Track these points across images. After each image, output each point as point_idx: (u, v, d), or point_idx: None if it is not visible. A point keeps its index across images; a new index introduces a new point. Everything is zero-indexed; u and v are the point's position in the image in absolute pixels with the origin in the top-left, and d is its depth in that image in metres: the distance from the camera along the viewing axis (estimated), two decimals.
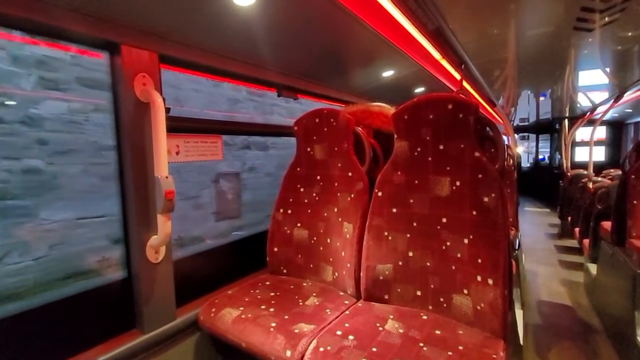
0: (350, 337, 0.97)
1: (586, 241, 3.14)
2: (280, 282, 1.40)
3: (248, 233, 1.77)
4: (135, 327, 1.13)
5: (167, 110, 1.08)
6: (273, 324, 1.05)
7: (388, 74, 2.01)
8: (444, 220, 1.15)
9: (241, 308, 1.16)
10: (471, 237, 1.08)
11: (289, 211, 1.51)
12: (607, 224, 2.48)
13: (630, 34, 1.83)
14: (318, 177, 1.48)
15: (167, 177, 1.03)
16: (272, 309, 1.15)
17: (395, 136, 1.26)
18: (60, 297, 1.03)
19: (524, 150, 10.21)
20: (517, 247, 2.12)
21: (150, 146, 1.05)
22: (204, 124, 1.44)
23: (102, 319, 1.10)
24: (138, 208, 1.08)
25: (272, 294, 1.28)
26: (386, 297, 1.22)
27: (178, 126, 1.23)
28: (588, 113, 5.01)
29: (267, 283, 1.38)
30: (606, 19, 1.62)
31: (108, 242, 2.77)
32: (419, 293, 1.18)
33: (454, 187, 1.13)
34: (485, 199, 1.06)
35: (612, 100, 3.74)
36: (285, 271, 1.49)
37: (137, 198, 1.07)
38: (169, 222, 1.07)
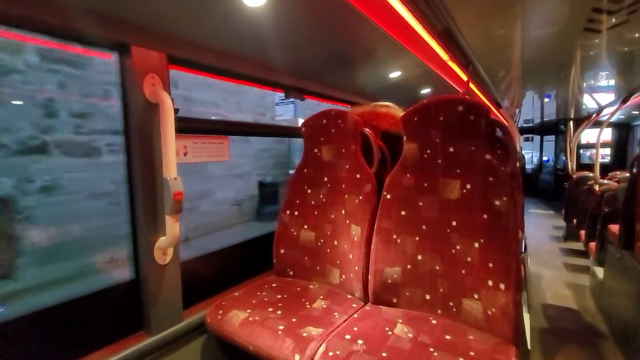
0: (360, 342, 0.96)
1: (592, 244, 3.11)
2: (286, 284, 1.39)
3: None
4: (142, 329, 1.13)
5: (176, 111, 1.07)
6: (281, 327, 1.05)
7: (395, 74, 1.99)
8: (454, 223, 1.13)
9: (248, 310, 1.15)
10: (482, 241, 1.07)
11: (296, 213, 1.51)
12: (614, 227, 2.46)
13: (637, 35, 1.81)
14: (325, 179, 1.47)
15: (175, 179, 1.03)
16: (279, 312, 1.15)
17: (405, 138, 1.25)
18: (68, 298, 1.03)
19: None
20: (523, 250, 2.11)
21: (159, 147, 1.05)
22: (212, 125, 1.44)
23: (110, 320, 1.09)
24: (146, 209, 1.07)
25: (279, 296, 1.27)
26: (394, 300, 1.21)
27: (186, 127, 1.23)
28: (594, 115, 4.98)
29: (274, 285, 1.37)
30: (613, 20, 1.60)
31: None
32: (427, 297, 1.16)
33: (464, 190, 1.12)
34: (497, 203, 1.05)
35: (620, 103, 3.71)
36: (291, 273, 1.48)
37: (145, 199, 1.07)
38: (177, 223, 1.06)
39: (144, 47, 1.03)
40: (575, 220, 4.42)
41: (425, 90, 2.51)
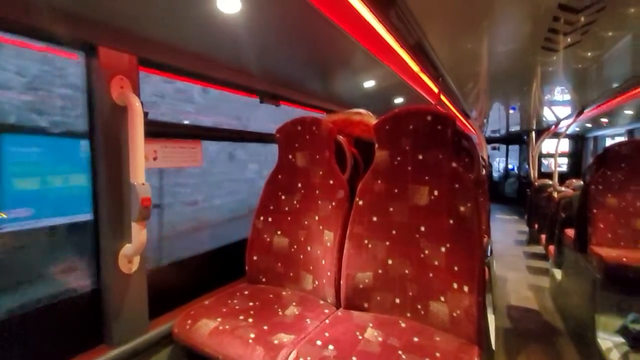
0: (330, 347, 0.97)
1: (551, 247, 3.32)
2: (259, 291, 1.38)
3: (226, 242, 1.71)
4: (104, 342, 1.07)
5: (145, 114, 1.04)
6: (252, 335, 1.03)
7: (369, 84, 2.05)
8: (423, 228, 1.18)
9: (218, 319, 1.13)
10: (448, 245, 1.11)
11: (269, 219, 1.50)
12: (570, 232, 2.64)
13: (589, 54, 1.98)
14: (299, 185, 1.48)
15: (143, 184, 1.00)
16: (250, 320, 1.13)
17: (377, 145, 1.28)
18: (22, 311, 0.96)
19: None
20: (489, 254, 2.21)
21: (127, 151, 1.01)
22: (183, 129, 1.41)
23: (68, 334, 1.03)
24: (111, 215, 1.03)
25: (251, 303, 1.26)
26: (366, 305, 1.23)
27: (156, 131, 1.20)
28: (553, 126, 5.34)
29: (246, 292, 1.35)
30: (568, 40, 1.74)
31: None
32: (397, 301, 1.19)
33: (432, 196, 1.17)
34: (462, 208, 1.10)
35: (575, 116, 4.01)
36: (264, 280, 1.47)
37: (110, 205, 1.03)
38: (144, 230, 1.03)
39: (113, 48, 1.00)
40: (536, 225, 4.70)
41: (399, 100, 2.59)
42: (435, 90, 2.48)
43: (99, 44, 0.97)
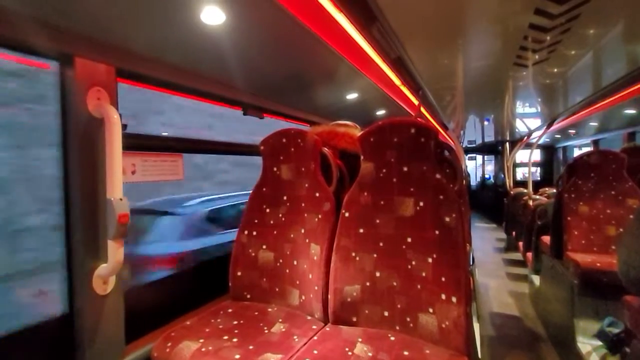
0: None
1: (529, 254, 3.43)
2: (243, 308, 1.33)
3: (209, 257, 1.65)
4: None
5: (124, 127, 1.00)
6: (237, 356, 0.99)
7: (352, 96, 2.08)
8: (409, 240, 1.18)
9: (201, 340, 1.07)
10: (435, 256, 1.12)
11: (254, 233, 1.46)
12: (546, 238, 2.73)
13: (556, 70, 2.11)
14: (284, 198, 1.46)
15: (121, 200, 0.95)
16: (235, 339, 1.08)
17: (362, 157, 1.29)
18: None
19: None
20: (471, 263, 2.25)
21: (103, 165, 0.97)
22: (164, 142, 1.37)
23: None
24: (85, 233, 0.97)
25: (235, 322, 1.21)
26: (354, 319, 1.21)
27: (135, 144, 1.15)
28: (525, 137, 5.60)
29: (230, 310, 1.30)
30: (537, 57, 1.85)
31: None
32: (386, 313, 1.18)
33: (418, 208, 1.18)
34: (447, 219, 1.11)
35: (545, 127, 4.23)
36: (249, 296, 1.42)
37: (84, 222, 0.97)
38: (121, 248, 0.98)
39: (90, 59, 0.97)
40: (514, 233, 4.85)
41: (381, 112, 2.64)
42: (416, 102, 2.55)
43: (75, 54, 0.93)
